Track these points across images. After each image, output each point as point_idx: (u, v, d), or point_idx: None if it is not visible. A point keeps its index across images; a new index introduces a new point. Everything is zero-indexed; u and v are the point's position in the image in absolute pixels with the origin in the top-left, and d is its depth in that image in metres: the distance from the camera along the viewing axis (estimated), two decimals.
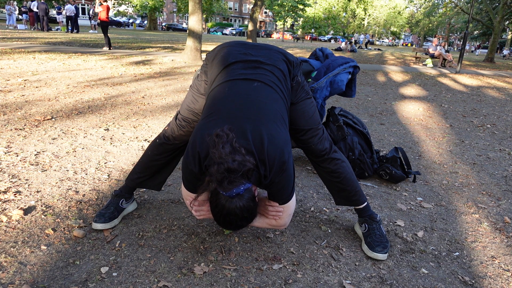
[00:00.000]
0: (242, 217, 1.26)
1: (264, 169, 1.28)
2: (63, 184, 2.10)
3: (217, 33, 45.13)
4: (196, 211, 1.47)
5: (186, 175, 1.35)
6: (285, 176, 1.33)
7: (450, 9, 25.65)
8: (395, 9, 47.00)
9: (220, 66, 1.49)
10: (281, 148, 1.29)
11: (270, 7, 33.67)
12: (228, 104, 1.34)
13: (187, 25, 12.03)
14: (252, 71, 1.44)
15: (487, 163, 3.03)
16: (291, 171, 1.36)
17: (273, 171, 1.29)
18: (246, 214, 1.26)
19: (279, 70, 1.48)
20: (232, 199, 1.22)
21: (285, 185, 1.36)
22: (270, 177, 1.30)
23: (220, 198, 1.24)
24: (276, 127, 1.32)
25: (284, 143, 1.31)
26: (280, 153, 1.29)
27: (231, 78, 1.42)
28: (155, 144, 1.74)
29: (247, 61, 1.47)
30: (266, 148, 1.26)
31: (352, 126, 2.59)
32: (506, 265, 1.64)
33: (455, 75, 10.39)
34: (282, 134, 1.33)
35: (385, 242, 1.65)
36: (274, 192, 1.39)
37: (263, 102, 1.36)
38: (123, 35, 20.23)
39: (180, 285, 1.37)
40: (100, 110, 3.82)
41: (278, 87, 1.44)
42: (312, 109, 1.62)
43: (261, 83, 1.41)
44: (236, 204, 1.23)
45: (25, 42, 10.88)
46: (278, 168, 1.29)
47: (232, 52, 1.50)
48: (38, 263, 1.43)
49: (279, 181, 1.33)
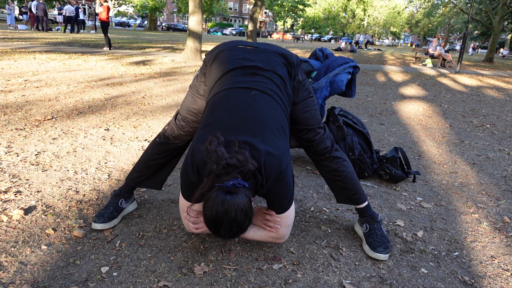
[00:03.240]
0: (236, 218, 1.18)
1: (261, 178, 1.28)
2: (63, 184, 2.11)
3: (217, 33, 45.13)
4: (194, 223, 1.46)
5: (185, 181, 1.35)
6: (283, 185, 1.34)
7: (450, 9, 25.66)
8: (395, 9, 47.00)
9: (218, 72, 1.49)
10: (278, 159, 1.30)
11: (270, 7, 33.67)
12: (226, 115, 1.35)
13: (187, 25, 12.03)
14: (250, 78, 1.44)
15: (486, 163, 3.04)
16: (289, 180, 1.36)
17: (270, 181, 1.30)
18: (240, 215, 1.18)
19: (278, 76, 1.48)
20: (227, 192, 1.17)
21: (284, 193, 1.37)
22: (268, 186, 1.31)
23: (214, 192, 1.19)
24: (273, 137, 1.33)
25: (282, 153, 1.32)
26: (277, 164, 1.29)
27: (229, 87, 1.42)
28: (155, 143, 1.75)
29: (245, 67, 1.47)
30: (264, 159, 1.27)
31: (352, 126, 2.59)
32: (506, 264, 1.65)
33: (454, 75, 10.39)
34: (280, 144, 1.33)
35: (386, 243, 1.65)
36: (272, 199, 1.40)
37: (262, 111, 1.37)
38: (123, 35, 20.22)
39: (180, 285, 1.38)
40: (100, 110, 3.83)
41: (277, 95, 1.44)
42: (314, 108, 1.62)
43: (259, 91, 1.41)
44: (231, 199, 1.17)
45: (26, 42, 10.88)
46: (275, 178, 1.30)
47: (231, 57, 1.50)
48: (39, 263, 1.44)
49: (277, 188, 1.34)
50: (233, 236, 1.27)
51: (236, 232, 1.24)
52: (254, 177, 1.26)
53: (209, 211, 1.19)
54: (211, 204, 1.19)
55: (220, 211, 1.18)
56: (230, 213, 1.17)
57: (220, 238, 1.32)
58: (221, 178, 1.18)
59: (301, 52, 15.85)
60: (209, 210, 1.20)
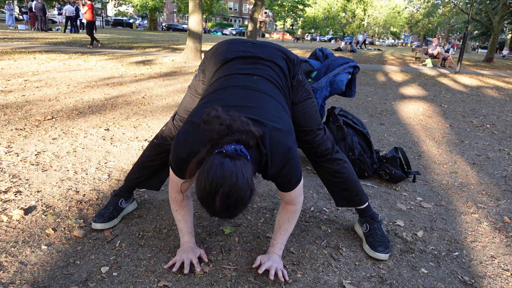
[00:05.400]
0: (236, 183, 1.03)
1: (266, 152, 1.19)
2: (63, 184, 2.11)
3: (217, 33, 45.15)
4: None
5: (175, 160, 1.27)
6: (292, 164, 1.26)
7: (450, 9, 25.66)
8: (395, 9, 47.00)
9: (218, 63, 1.47)
10: (286, 134, 1.24)
11: (270, 7, 33.67)
12: (226, 94, 1.30)
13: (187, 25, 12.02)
14: (251, 66, 1.43)
15: (486, 163, 3.04)
16: (298, 158, 1.29)
17: (278, 158, 1.22)
18: (241, 180, 1.03)
19: (278, 67, 1.46)
20: (227, 156, 1.05)
21: (293, 172, 1.29)
22: (275, 167, 1.23)
23: (212, 157, 1.07)
24: (278, 116, 1.27)
25: (288, 130, 1.26)
26: (285, 140, 1.23)
27: (230, 73, 1.40)
28: (152, 144, 1.74)
29: (246, 57, 1.46)
30: (270, 134, 1.20)
31: (352, 126, 2.59)
32: (506, 264, 1.65)
33: (454, 75, 10.39)
34: (286, 121, 1.28)
35: (387, 242, 1.65)
36: (283, 183, 1.32)
37: (264, 92, 1.33)
38: (123, 35, 20.22)
39: (180, 285, 1.38)
40: (100, 110, 3.83)
41: (278, 83, 1.42)
42: (313, 109, 1.61)
43: (260, 77, 1.39)
44: (231, 162, 1.04)
45: (26, 42, 10.88)
46: (283, 155, 1.22)
47: (231, 49, 1.49)
48: (39, 263, 1.44)
49: (288, 172, 1.26)
50: (231, 210, 1.07)
51: (234, 204, 1.06)
52: (258, 149, 1.17)
53: (205, 175, 1.04)
54: (207, 168, 1.05)
55: (218, 174, 1.03)
56: (229, 177, 1.02)
57: (215, 214, 1.09)
58: (223, 140, 1.08)
59: (301, 52, 15.84)
60: (205, 174, 1.04)
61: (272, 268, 1.41)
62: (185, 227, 1.50)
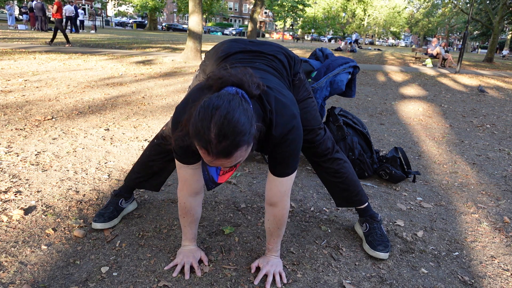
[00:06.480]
0: (233, 109, 0.94)
1: (270, 111, 1.13)
2: (63, 184, 2.11)
3: (217, 33, 45.16)
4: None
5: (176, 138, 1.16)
6: (297, 136, 1.18)
7: (449, 9, 25.67)
8: (395, 9, 47.02)
9: (219, 58, 1.47)
10: (291, 102, 1.22)
11: (270, 7, 33.69)
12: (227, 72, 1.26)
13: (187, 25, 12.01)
14: (252, 56, 1.44)
15: (486, 163, 3.04)
16: (301, 132, 1.21)
17: (282, 121, 1.15)
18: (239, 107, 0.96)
19: (279, 60, 1.47)
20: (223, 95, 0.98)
21: (294, 147, 1.20)
22: (280, 129, 1.16)
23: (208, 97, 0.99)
24: (282, 89, 1.27)
25: (293, 101, 1.25)
26: (290, 106, 1.19)
27: (230, 63, 1.40)
28: (152, 144, 1.74)
29: (248, 51, 1.46)
30: (275, 95, 1.17)
31: (352, 126, 2.59)
32: (506, 264, 1.65)
33: (454, 75, 10.39)
34: (289, 94, 1.27)
35: (386, 242, 1.65)
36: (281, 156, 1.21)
37: (267, 73, 1.33)
38: (123, 35, 20.22)
39: (180, 285, 1.38)
40: (100, 110, 3.83)
41: (280, 73, 1.43)
42: (314, 108, 1.61)
43: (262, 64, 1.40)
44: (229, 94, 0.99)
45: (26, 42, 10.88)
46: (287, 119, 1.16)
47: (232, 46, 1.50)
48: (39, 263, 1.44)
49: (292, 141, 1.18)
50: (228, 140, 0.94)
51: (232, 134, 0.94)
52: (261, 104, 1.11)
53: (202, 103, 0.98)
54: (203, 101, 0.98)
55: (213, 99, 0.96)
56: (226, 101, 0.95)
57: (211, 149, 0.95)
58: (224, 81, 1.04)
59: (301, 52, 15.84)
60: (201, 103, 0.98)
61: (270, 273, 1.41)
62: (190, 233, 1.49)
